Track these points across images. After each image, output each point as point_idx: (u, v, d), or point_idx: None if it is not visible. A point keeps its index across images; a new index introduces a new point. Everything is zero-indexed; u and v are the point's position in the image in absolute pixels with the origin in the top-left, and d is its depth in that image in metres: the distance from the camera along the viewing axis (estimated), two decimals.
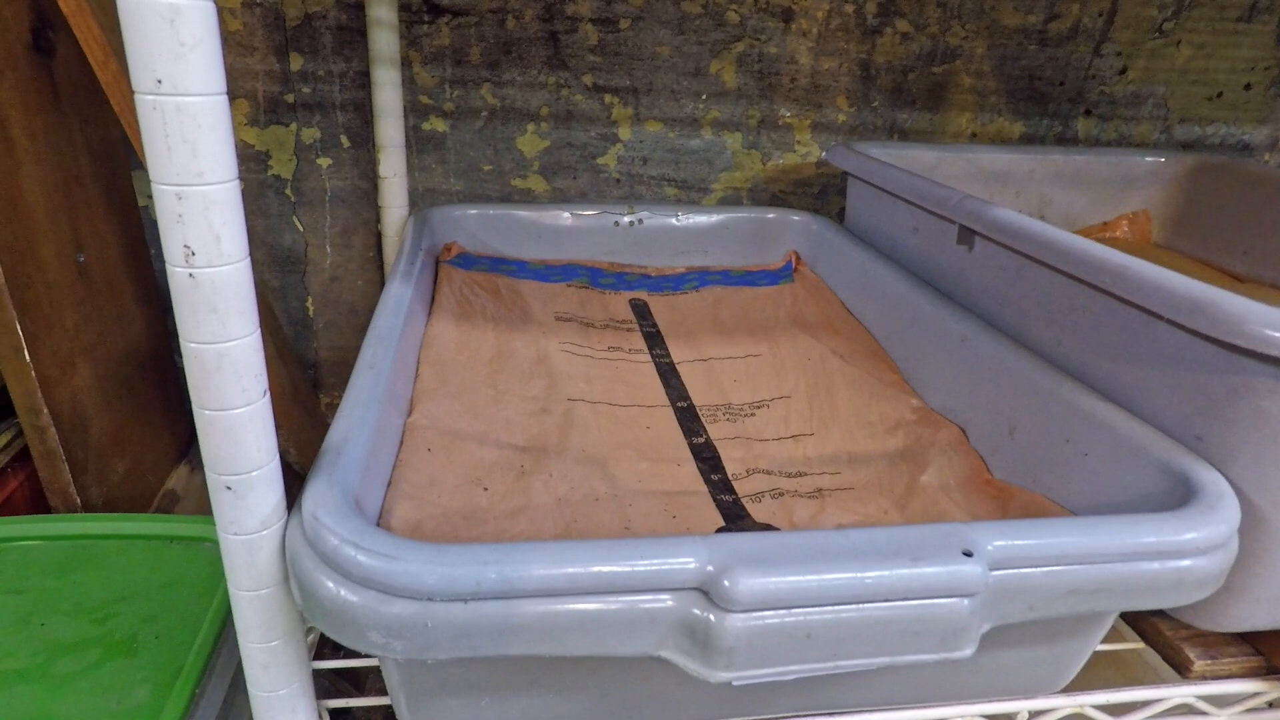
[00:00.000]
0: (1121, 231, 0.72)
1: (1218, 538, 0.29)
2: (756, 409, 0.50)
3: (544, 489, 0.39)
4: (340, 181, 0.71)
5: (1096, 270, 0.36)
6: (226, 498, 0.26)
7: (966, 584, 0.26)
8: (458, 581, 0.24)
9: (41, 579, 0.47)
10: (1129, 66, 0.75)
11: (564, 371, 0.51)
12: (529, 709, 0.31)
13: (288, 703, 0.31)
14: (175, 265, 0.22)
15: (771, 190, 0.77)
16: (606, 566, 0.25)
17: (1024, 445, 0.41)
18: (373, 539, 0.25)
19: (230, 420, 0.25)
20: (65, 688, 0.40)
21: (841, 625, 0.26)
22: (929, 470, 0.42)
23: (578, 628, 0.25)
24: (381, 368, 0.38)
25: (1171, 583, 0.28)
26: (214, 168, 0.22)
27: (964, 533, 0.27)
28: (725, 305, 0.63)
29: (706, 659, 0.25)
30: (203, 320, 0.23)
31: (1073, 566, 0.28)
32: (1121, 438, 0.35)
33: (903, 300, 0.53)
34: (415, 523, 0.33)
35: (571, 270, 0.67)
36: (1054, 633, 0.33)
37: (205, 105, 0.21)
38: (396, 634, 0.24)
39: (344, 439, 0.31)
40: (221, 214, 0.22)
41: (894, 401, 0.49)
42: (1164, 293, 0.32)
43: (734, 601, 0.25)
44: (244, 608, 0.28)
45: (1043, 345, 0.43)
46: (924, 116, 0.76)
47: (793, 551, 0.26)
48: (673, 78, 0.72)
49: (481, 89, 0.70)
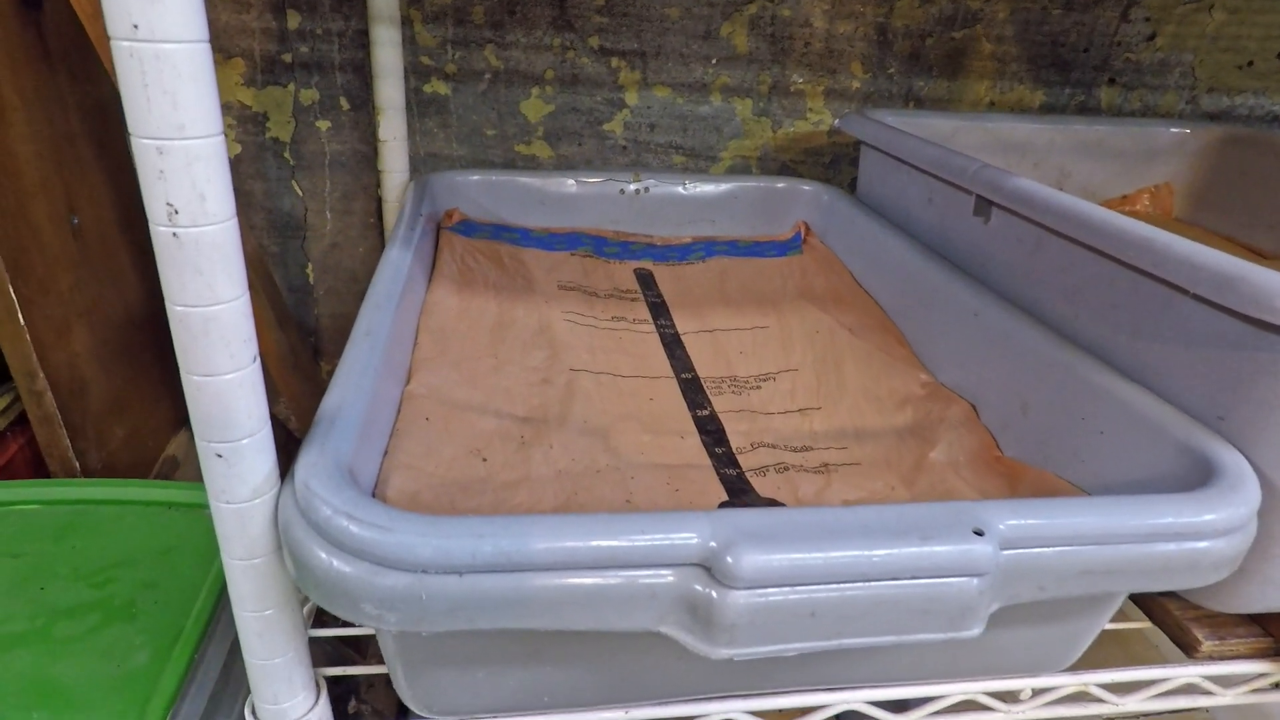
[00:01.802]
0: (1143, 205, 0.70)
1: (1236, 520, 0.28)
2: (762, 382, 0.49)
3: (544, 460, 0.38)
4: (340, 145, 0.70)
5: (1120, 242, 0.35)
6: (217, 465, 0.25)
7: (977, 563, 0.25)
8: (453, 554, 0.24)
9: (40, 543, 0.47)
10: (1158, 32, 0.73)
11: (566, 341, 0.50)
12: (527, 681, 0.31)
13: (283, 671, 0.30)
14: (158, 224, 0.21)
15: (782, 159, 0.76)
16: (606, 541, 0.24)
17: (1037, 422, 0.40)
18: (366, 510, 0.24)
19: (219, 386, 0.24)
20: (64, 651, 0.40)
21: (847, 604, 0.25)
22: (938, 447, 0.41)
23: (576, 602, 0.25)
24: (378, 335, 0.37)
25: (1187, 565, 0.27)
26: (196, 121, 0.20)
27: (975, 511, 0.26)
28: (732, 276, 0.62)
29: (708, 636, 0.25)
30: (188, 282, 0.22)
31: (1086, 547, 0.27)
32: (1139, 416, 0.34)
33: (915, 273, 0.52)
34: (412, 493, 0.32)
35: (576, 239, 0.65)
36: (1062, 612, 0.33)
37: (186, 53, 0.20)
38: (390, 606, 0.24)
39: (338, 407, 0.30)
40: (206, 170, 0.21)
41: (903, 376, 0.48)
42: (1191, 266, 0.31)
43: (737, 578, 0.24)
44: (237, 577, 0.28)
45: (1059, 321, 0.42)
46: (941, 84, 0.73)
47: (798, 528, 0.25)
48: (682, 40, 0.70)
49: (484, 50, 0.68)
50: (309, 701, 0.32)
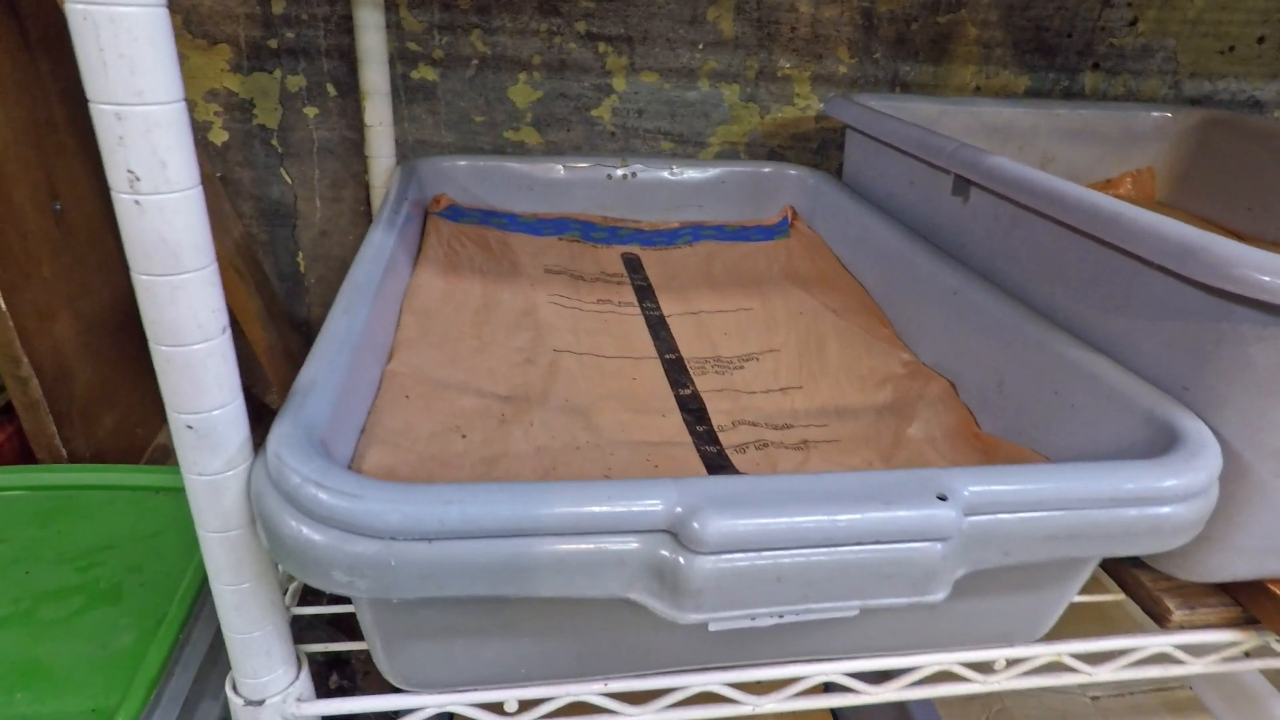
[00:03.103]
0: (1125, 189, 0.70)
1: (1197, 485, 0.28)
2: (746, 362, 0.49)
3: (524, 437, 0.38)
4: (328, 132, 0.70)
5: (1089, 216, 0.35)
6: (188, 437, 0.25)
7: (940, 528, 0.26)
8: (421, 521, 0.24)
9: (25, 528, 0.47)
10: (1140, 18, 0.73)
11: (551, 323, 0.50)
12: (504, 654, 0.31)
13: (261, 645, 0.31)
14: (120, 191, 0.21)
15: (769, 145, 0.76)
16: (574, 507, 0.25)
17: (1013, 398, 0.40)
18: (336, 478, 0.25)
19: (188, 357, 0.24)
20: (50, 633, 0.40)
21: (812, 568, 0.25)
22: (915, 423, 0.42)
23: (544, 569, 0.25)
24: (356, 314, 0.37)
25: (1149, 529, 0.28)
26: (155, 86, 0.21)
27: (939, 478, 0.27)
28: (719, 260, 0.62)
29: (675, 601, 0.25)
30: (152, 251, 0.22)
31: (1050, 513, 0.27)
32: (1108, 389, 0.34)
33: (897, 254, 0.52)
34: (389, 467, 0.33)
35: (564, 224, 0.65)
36: (1032, 581, 0.33)
37: (142, 16, 0.20)
38: (360, 573, 0.24)
39: (312, 382, 0.30)
40: (166, 137, 0.21)
41: (885, 356, 0.48)
42: (1155, 238, 0.31)
43: (703, 543, 0.24)
44: (213, 549, 0.28)
45: (1036, 298, 0.42)
46: (927, 69, 0.73)
47: (763, 494, 0.25)
48: (669, 25, 0.70)
49: (471, 35, 0.68)
50: (289, 676, 0.32)
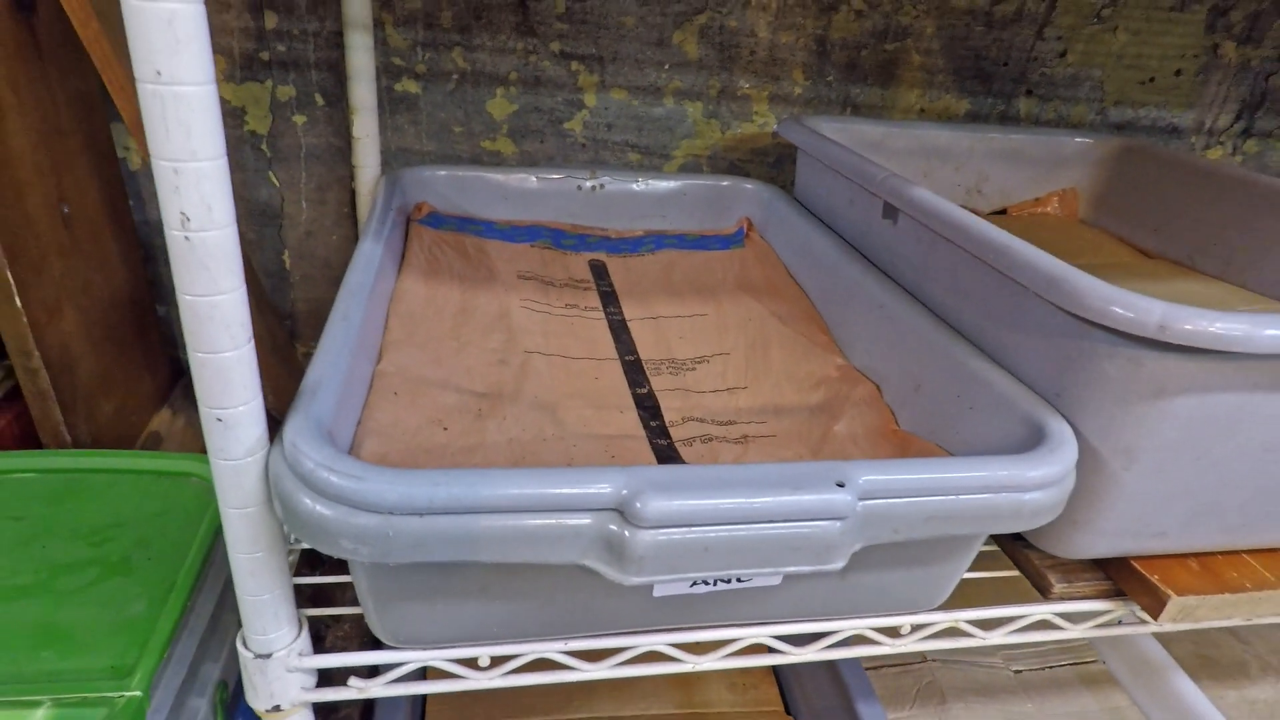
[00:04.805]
0: (1052, 207, 0.77)
1: (1054, 476, 0.35)
2: (697, 364, 0.55)
3: (498, 430, 0.44)
4: (315, 139, 0.74)
5: (985, 246, 0.41)
6: (217, 428, 0.30)
7: (837, 509, 0.31)
8: (414, 499, 0.29)
9: (40, 507, 0.52)
10: (1069, 50, 0.80)
11: (523, 326, 0.55)
12: (479, 614, 0.37)
13: (270, 606, 0.36)
14: (173, 229, 0.26)
15: (730, 158, 0.81)
16: (540, 489, 0.30)
17: (927, 400, 0.47)
18: (343, 464, 0.30)
19: (220, 362, 0.29)
20: (68, 601, 0.45)
21: (734, 541, 0.31)
22: (841, 421, 0.48)
23: (514, 539, 0.30)
24: (353, 319, 0.42)
25: (1012, 512, 0.34)
26: (205, 146, 0.26)
27: (840, 468, 0.32)
28: (678, 267, 0.68)
29: (621, 567, 0.31)
30: (196, 276, 0.27)
31: (931, 497, 0.33)
32: (998, 393, 0.41)
33: (835, 268, 0.58)
34: (381, 454, 0.38)
35: (536, 231, 0.71)
36: (928, 556, 0.39)
37: (198, 93, 0.25)
38: (363, 541, 0.29)
39: (319, 381, 0.35)
40: (212, 186, 0.26)
41: (821, 360, 0.54)
42: (1031, 269, 0.38)
43: (644, 520, 0.30)
44: (233, 523, 0.33)
45: (949, 312, 0.49)
46: (876, 92, 0.80)
47: (694, 481, 0.31)
48: (637, 47, 0.75)
49: (452, 52, 0.73)
50: (292, 634, 0.37)
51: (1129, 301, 0.33)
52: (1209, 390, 0.34)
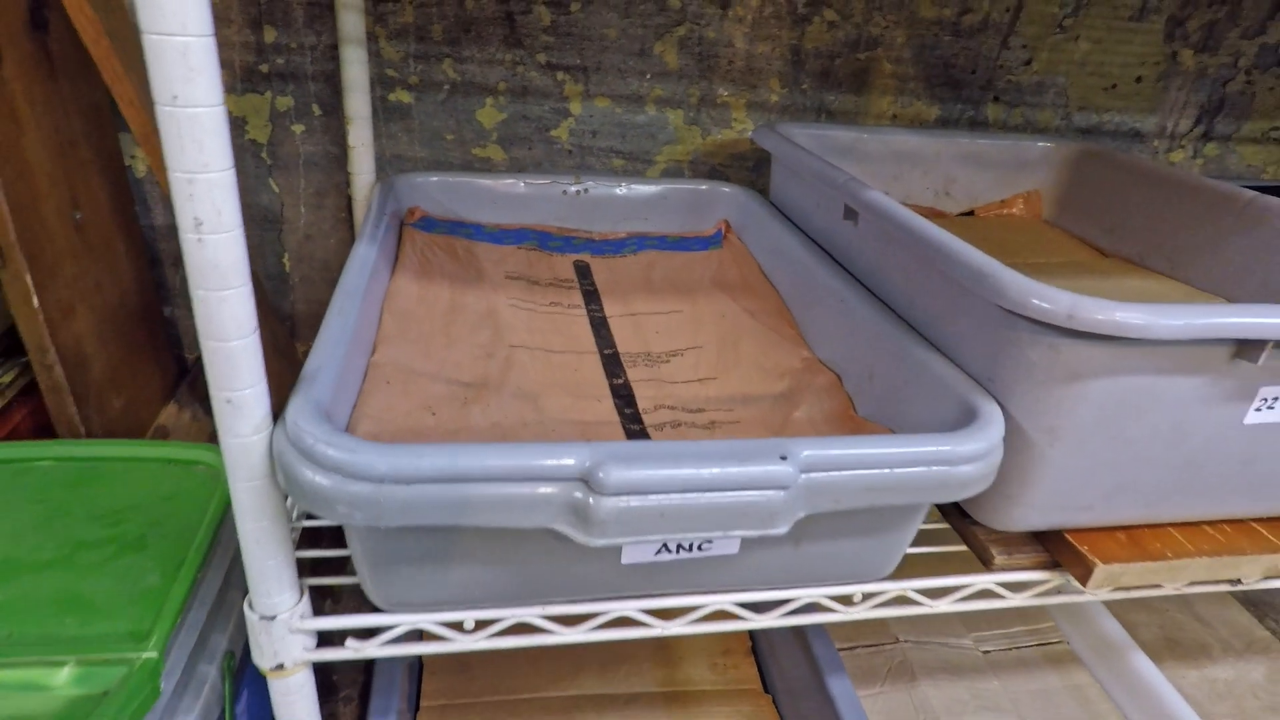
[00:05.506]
0: (1018, 209, 0.81)
1: (981, 451, 0.38)
2: (672, 357, 0.59)
3: (482, 416, 0.47)
4: (313, 147, 0.78)
5: (928, 246, 0.45)
6: (227, 409, 0.34)
7: (780, 480, 0.35)
8: (402, 470, 0.33)
9: (59, 492, 0.55)
10: (1033, 58, 0.83)
11: (509, 323, 0.59)
12: (464, 579, 0.40)
13: (274, 572, 0.39)
14: (187, 232, 0.30)
15: (711, 163, 0.85)
16: (513, 461, 0.34)
17: (879, 387, 0.51)
18: (339, 439, 0.34)
19: (229, 349, 0.33)
20: (88, 574, 0.49)
21: (687, 507, 0.35)
22: (801, 408, 0.51)
23: (492, 505, 0.34)
24: (349, 316, 0.46)
25: (941, 484, 0.38)
26: (216, 159, 0.29)
27: (784, 444, 0.36)
28: (658, 267, 0.72)
29: (586, 530, 0.35)
30: (208, 273, 0.31)
31: (868, 471, 0.37)
32: (940, 379, 0.44)
33: (803, 266, 0.62)
34: (374, 436, 0.42)
35: (523, 234, 0.74)
36: (874, 527, 0.43)
37: (209, 114, 0.29)
38: (357, 506, 0.33)
39: (317, 369, 0.39)
40: (222, 194, 0.30)
41: (787, 353, 0.58)
42: (965, 265, 0.41)
43: (606, 488, 0.34)
44: (241, 495, 0.37)
45: (904, 306, 0.52)
46: (849, 99, 0.83)
47: (652, 454, 0.35)
48: (620, 58, 0.79)
49: (443, 64, 0.77)
50: (294, 598, 0.41)
51: (1044, 293, 0.37)
52: (1118, 374, 0.38)
